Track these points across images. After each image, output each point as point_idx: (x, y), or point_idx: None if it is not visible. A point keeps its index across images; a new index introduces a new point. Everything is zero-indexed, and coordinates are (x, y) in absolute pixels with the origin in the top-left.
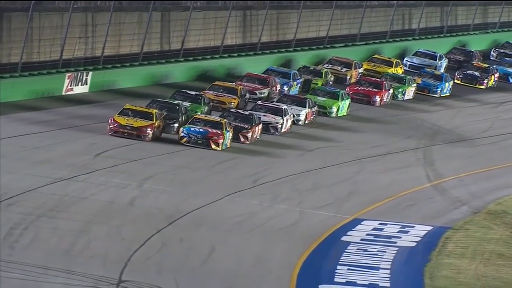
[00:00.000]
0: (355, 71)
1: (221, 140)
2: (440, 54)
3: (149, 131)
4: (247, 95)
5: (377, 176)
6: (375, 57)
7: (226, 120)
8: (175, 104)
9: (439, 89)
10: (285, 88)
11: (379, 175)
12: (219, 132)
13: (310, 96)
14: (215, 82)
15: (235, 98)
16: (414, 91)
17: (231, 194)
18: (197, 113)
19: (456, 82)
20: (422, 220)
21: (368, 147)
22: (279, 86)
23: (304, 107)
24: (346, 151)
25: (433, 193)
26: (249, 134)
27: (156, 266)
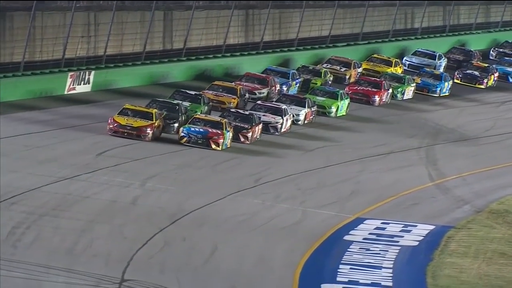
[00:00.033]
0: (354, 71)
1: (221, 140)
2: (439, 54)
3: (149, 131)
4: (247, 95)
5: (380, 175)
6: (374, 57)
7: (226, 120)
8: (175, 104)
9: (439, 89)
10: (284, 88)
11: (382, 174)
12: (219, 132)
13: (309, 96)
14: (215, 82)
15: (235, 98)
16: (414, 91)
17: (233, 194)
18: (197, 113)
19: (456, 82)
20: (425, 219)
21: (370, 147)
22: (279, 86)
23: (304, 107)
24: (348, 151)
25: (436, 192)
26: (249, 134)
27: (159, 265)
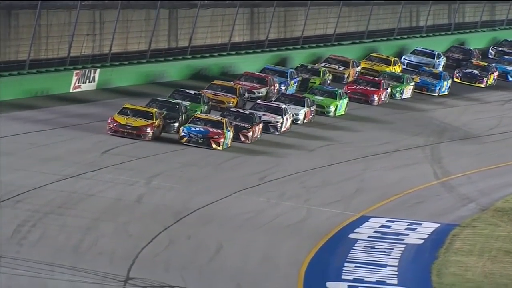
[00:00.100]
0: (353, 70)
1: (222, 140)
2: (438, 52)
3: (149, 131)
4: (246, 94)
5: (385, 174)
6: (373, 56)
7: (227, 120)
8: (175, 103)
9: (438, 88)
10: (282, 87)
11: (387, 173)
12: (220, 132)
13: (308, 95)
14: (214, 81)
15: (234, 98)
16: (412, 90)
17: (238, 192)
18: (197, 113)
19: (456, 81)
20: (430, 218)
21: (375, 145)
22: (278, 85)
23: (303, 106)
24: (353, 149)
25: (441, 191)
26: (250, 134)
27: (164, 263)
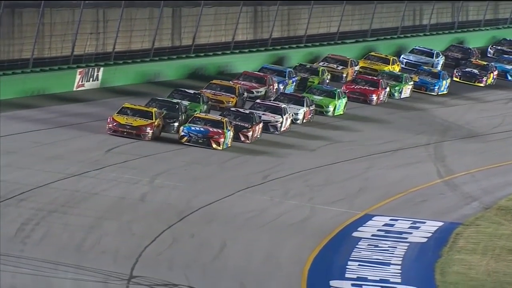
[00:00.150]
0: (351, 69)
1: (222, 139)
2: (437, 52)
3: (149, 130)
4: (245, 94)
5: (388, 172)
6: (372, 55)
7: (227, 119)
8: (175, 103)
9: (437, 87)
10: (281, 87)
11: (390, 171)
12: (220, 131)
13: (307, 95)
14: (213, 81)
15: (233, 97)
16: (411, 89)
17: (242, 190)
18: (197, 112)
19: (455, 80)
20: (433, 216)
21: (378, 144)
22: (276, 85)
23: (302, 106)
24: (356, 148)
25: (444, 189)
26: (250, 133)
27: (167, 262)
